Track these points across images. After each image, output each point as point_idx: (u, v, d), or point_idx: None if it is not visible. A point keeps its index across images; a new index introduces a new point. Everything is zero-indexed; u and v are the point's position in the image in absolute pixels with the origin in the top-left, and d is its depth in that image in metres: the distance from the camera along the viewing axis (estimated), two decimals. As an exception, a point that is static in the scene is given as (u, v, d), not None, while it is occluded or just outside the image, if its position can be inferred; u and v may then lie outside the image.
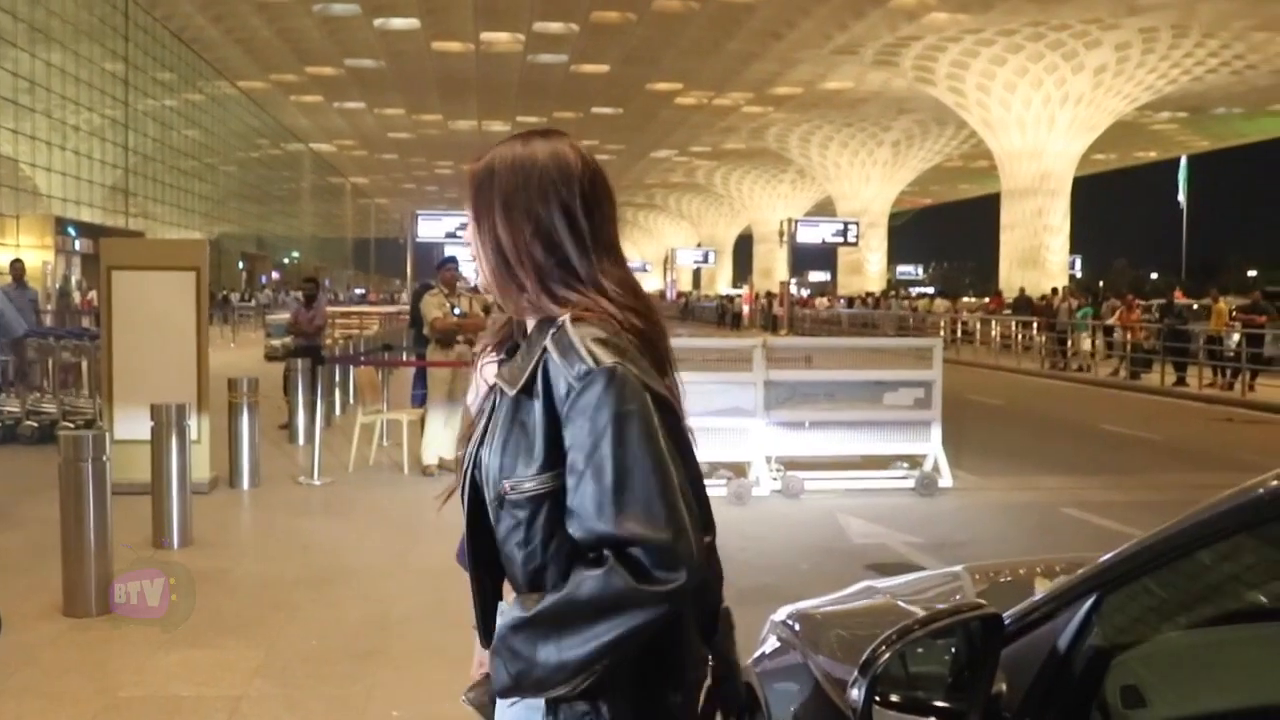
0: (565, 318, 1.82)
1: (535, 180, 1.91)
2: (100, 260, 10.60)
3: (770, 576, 7.60)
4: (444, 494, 2.08)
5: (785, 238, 51.79)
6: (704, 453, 7.38)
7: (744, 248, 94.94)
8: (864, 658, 2.14)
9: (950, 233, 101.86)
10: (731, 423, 10.25)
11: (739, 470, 10.46)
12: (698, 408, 7.72)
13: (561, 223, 1.90)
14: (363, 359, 16.12)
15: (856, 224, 55.45)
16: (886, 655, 2.14)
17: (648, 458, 1.69)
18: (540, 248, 1.90)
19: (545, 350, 1.79)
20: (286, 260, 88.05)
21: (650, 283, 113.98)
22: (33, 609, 6.37)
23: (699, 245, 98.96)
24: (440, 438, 10.95)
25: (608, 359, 1.74)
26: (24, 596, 6.53)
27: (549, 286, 1.89)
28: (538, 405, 1.78)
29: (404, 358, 17.14)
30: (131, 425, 9.20)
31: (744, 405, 10.26)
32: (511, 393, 1.82)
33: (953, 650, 2.32)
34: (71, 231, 42.55)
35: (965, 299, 56.72)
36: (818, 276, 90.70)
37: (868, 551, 8.59)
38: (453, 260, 11.60)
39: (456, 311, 11.08)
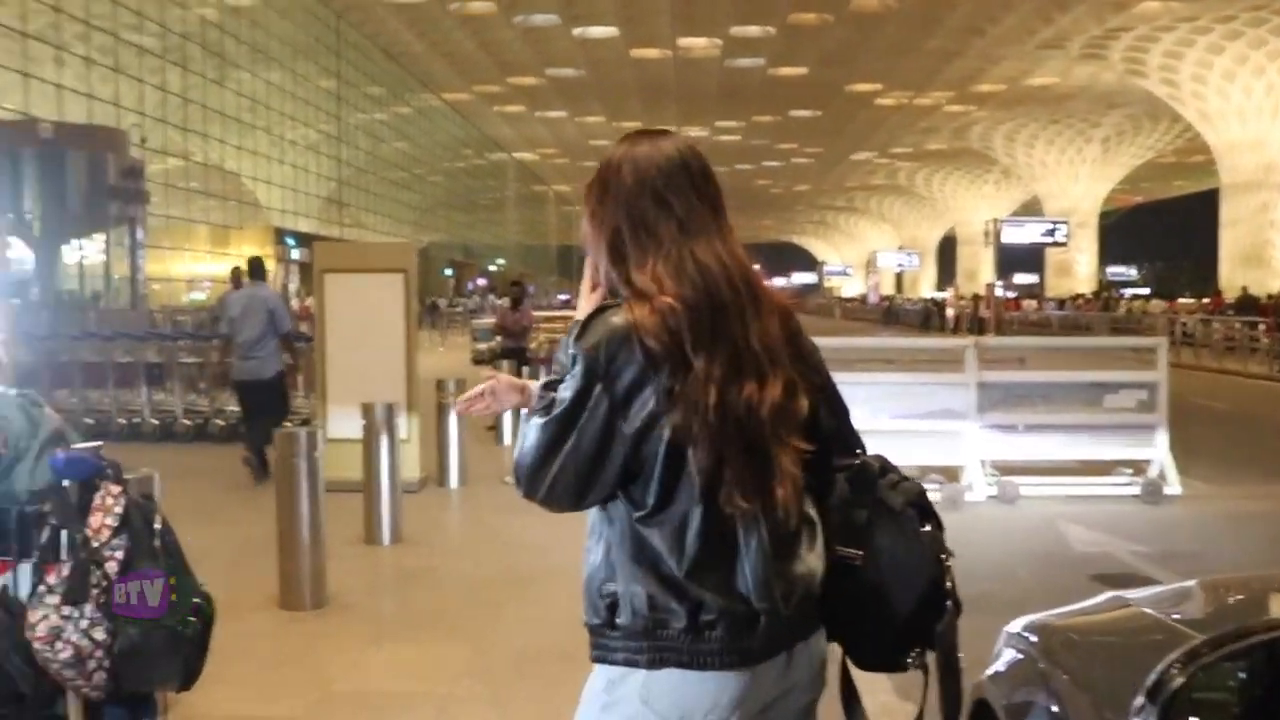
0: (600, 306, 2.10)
1: (611, 186, 2.16)
2: (313, 264, 10.93)
3: (988, 583, 7.22)
4: None
5: (990, 239, 50.43)
6: (913, 456, 7.09)
7: (947, 250, 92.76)
8: (1152, 681, 1.91)
9: (1165, 231, 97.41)
10: (943, 425, 9.87)
11: (951, 475, 10.06)
12: (907, 409, 7.46)
13: (625, 225, 2.12)
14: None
15: (1065, 224, 53.67)
16: (1180, 680, 1.90)
17: (550, 425, 2.02)
18: (606, 247, 2.14)
19: None
20: (492, 267, 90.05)
21: (852, 286, 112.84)
22: (250, 601, 6.52)
23: (901, 248, 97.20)
24: None
25: (583, 343, 2.02)
26: (241, 589, 6.69)
27: (610, 281, 2.14)
28: None
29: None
30: (344, 424, 9.37)
31: (955, 407, 9.85)
32: None
33: (1241, 674, 2.04)
34: (289, 241, 44.32)
35: (1182, 300, 54.22)
36: (1024, 278, 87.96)
37: (1091, 560, 8.14)
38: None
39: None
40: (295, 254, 44.23)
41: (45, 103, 30.04)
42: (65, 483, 2.99)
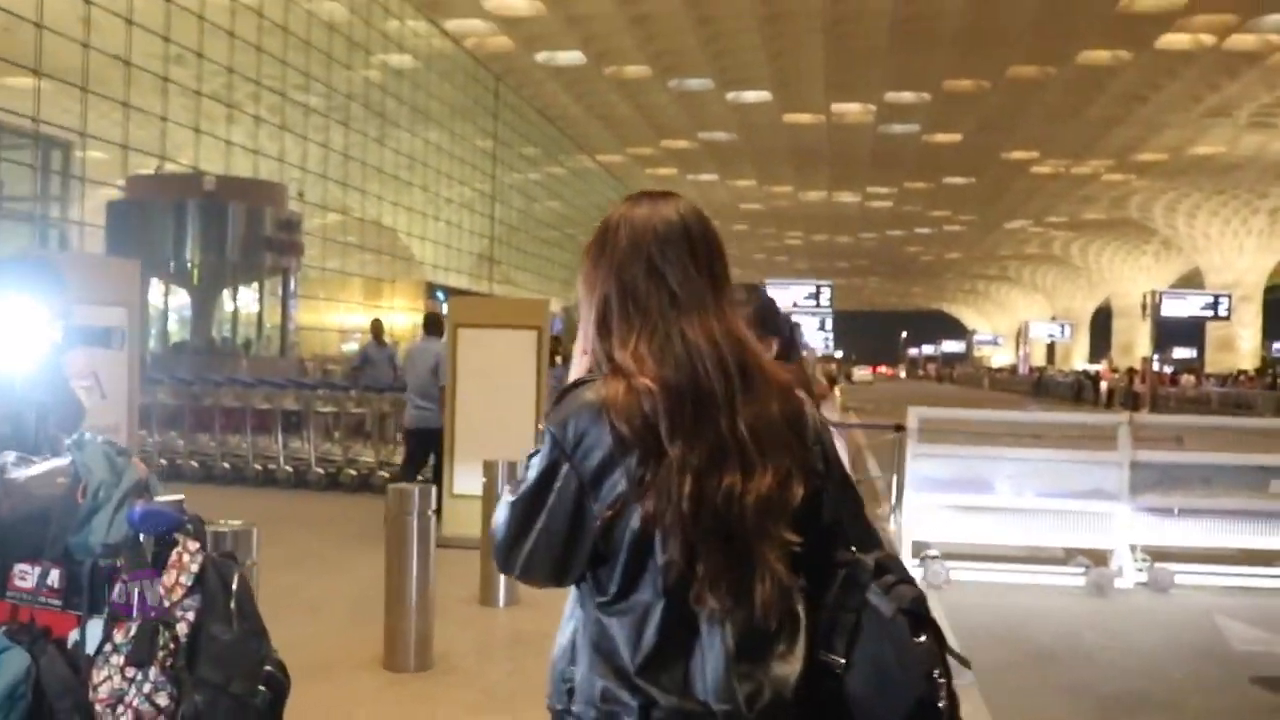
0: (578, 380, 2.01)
1: (606, 248, 2.03)
2: (448, 317, 10.95)
3: (1140, 681, 6.75)
4: None
5: (1148, 311, 48.84)
6: (1060, 537, 6.68)
7: (1100, 321, 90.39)
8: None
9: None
10: (1091, 505, 9.32)
11: (1098, 559, 9.50)
12: (1053, 488, 7.02)
13: (615, 294, 1.99)
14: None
15: (1228, 297, 51.75)
16: None
17: (516, 505, 1.96)
18: (595, 317, 2.02)
19: None
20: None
21: (1001, 356, 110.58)
22: (353, 660, 6.38)
23: (1053, 318, 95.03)
24: None
25: (551, 418, 1.96)
26: (347, 646, 6.57)
27: (596, 354, 2.02)
28: None
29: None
30: (470, 480, 9.26)
31: (1106, 488, 9.31)
32: None
33: None
34: (440, 295, 45.08)
35: (1356, 380, 51.69)
36: (1182, 353, 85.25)
37: (1253, 660, 7.50)
38: (795, 326, 11.14)
39: (794, 379, 10.66)
40: (445, 309, 44.95)
41: (215, 158, 31.15)
42: (141, 537, 2.87)
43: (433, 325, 12.01)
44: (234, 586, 2.91)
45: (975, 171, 55.99)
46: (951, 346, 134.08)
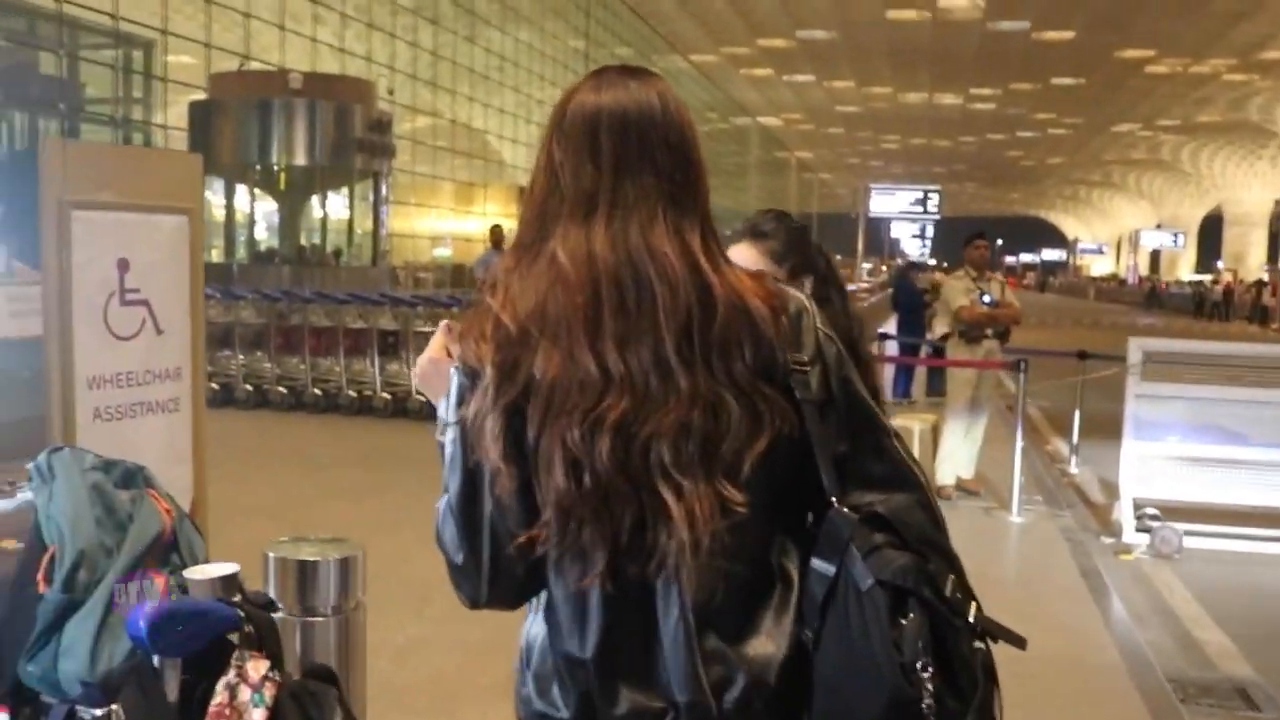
0: None
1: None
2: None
3: None
4: None
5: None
6: (1256, 495, 5.27)
7: (1206, 230, 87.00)
8: None
9: None
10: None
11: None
12: (1244, 436, 5.54)
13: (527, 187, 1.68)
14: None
15: (1367, 204, 49.00)
16: None
17: (452, 472, 1.56)
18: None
19: None
20: (729, 232, 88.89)
21: (1101, 266, 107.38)
22: (482, 683, 4.77)
23: (1159, 226, 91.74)
24: (959, 453, 8.96)
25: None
26: (471, 659, 4.99)
27: None
28: None
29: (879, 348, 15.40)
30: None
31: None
32: None
33: None
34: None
35: None
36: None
37: None
38: (982, 235, 9.49)
39: (986, 299, 9.06)
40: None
41: (301, 59, 30.03)
42: (155, 659, 1.51)
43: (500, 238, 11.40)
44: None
45: (1085, 72, 53.50)
46: (1050, 254, 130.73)
